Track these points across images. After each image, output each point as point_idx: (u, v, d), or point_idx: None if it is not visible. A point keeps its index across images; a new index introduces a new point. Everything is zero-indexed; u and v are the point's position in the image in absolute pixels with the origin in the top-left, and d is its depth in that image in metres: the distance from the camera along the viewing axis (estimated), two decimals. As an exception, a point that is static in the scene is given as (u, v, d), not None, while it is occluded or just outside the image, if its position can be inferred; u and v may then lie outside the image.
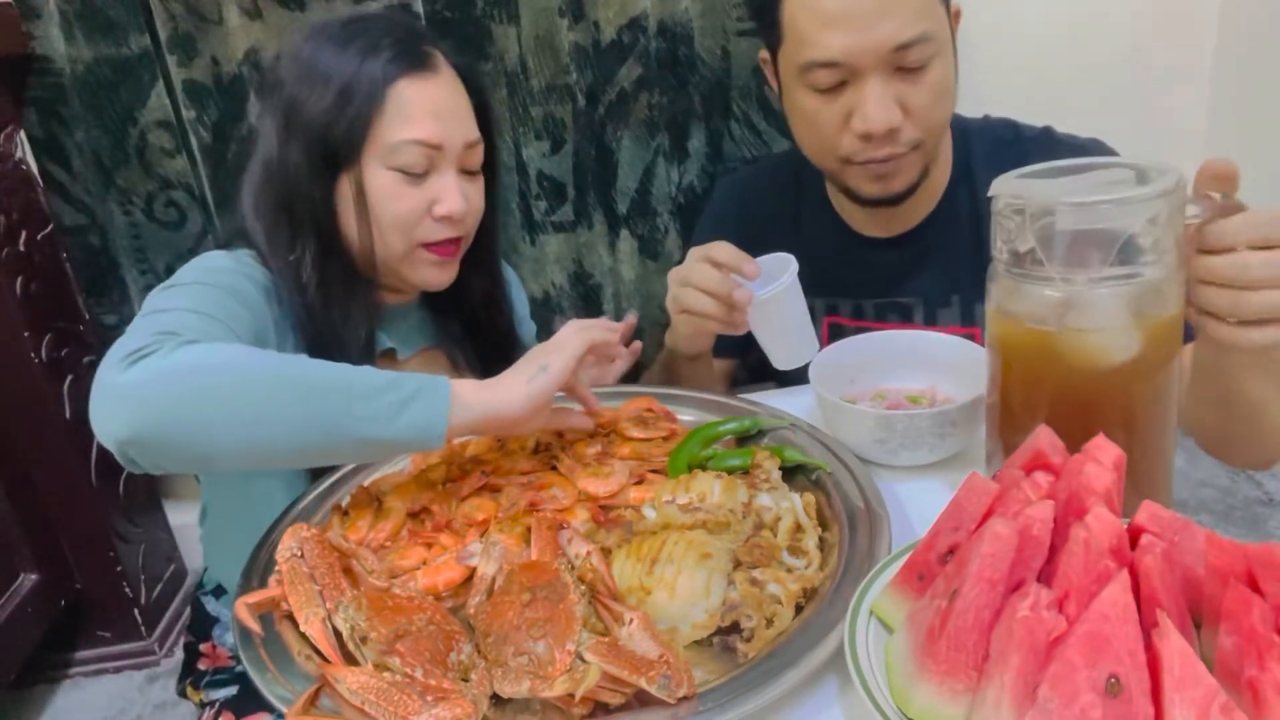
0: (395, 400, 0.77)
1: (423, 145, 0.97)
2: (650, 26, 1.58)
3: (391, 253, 1.02)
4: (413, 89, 0.97)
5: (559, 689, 0.60)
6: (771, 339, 1.02)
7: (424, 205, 1.00)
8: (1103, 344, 0.68)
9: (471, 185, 1.04)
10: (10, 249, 1.61)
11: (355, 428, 0.76)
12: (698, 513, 0.76)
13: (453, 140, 1.00)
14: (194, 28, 1.56)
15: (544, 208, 1.70)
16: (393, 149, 0.97)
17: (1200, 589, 0.56)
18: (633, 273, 1.73)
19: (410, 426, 0.77)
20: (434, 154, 0.99)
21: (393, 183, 0.98)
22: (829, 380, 0.92)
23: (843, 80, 0.99)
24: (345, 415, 0.76)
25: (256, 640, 0.69)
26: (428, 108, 0.98)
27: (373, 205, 0.99)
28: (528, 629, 0.64)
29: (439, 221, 1.01)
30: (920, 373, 0.98)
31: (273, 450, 0.77)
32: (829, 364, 0.96)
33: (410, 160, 0.98)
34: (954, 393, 0.95)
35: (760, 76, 1.60)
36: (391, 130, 0.97)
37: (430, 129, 0.97)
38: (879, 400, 0.98)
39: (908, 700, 0.55)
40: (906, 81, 0.99)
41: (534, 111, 1.63)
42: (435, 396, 0.78)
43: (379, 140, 0.97)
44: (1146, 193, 0.64)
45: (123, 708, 1.82)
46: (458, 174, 1.02)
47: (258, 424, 0.75)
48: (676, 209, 1.70)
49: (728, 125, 1.65)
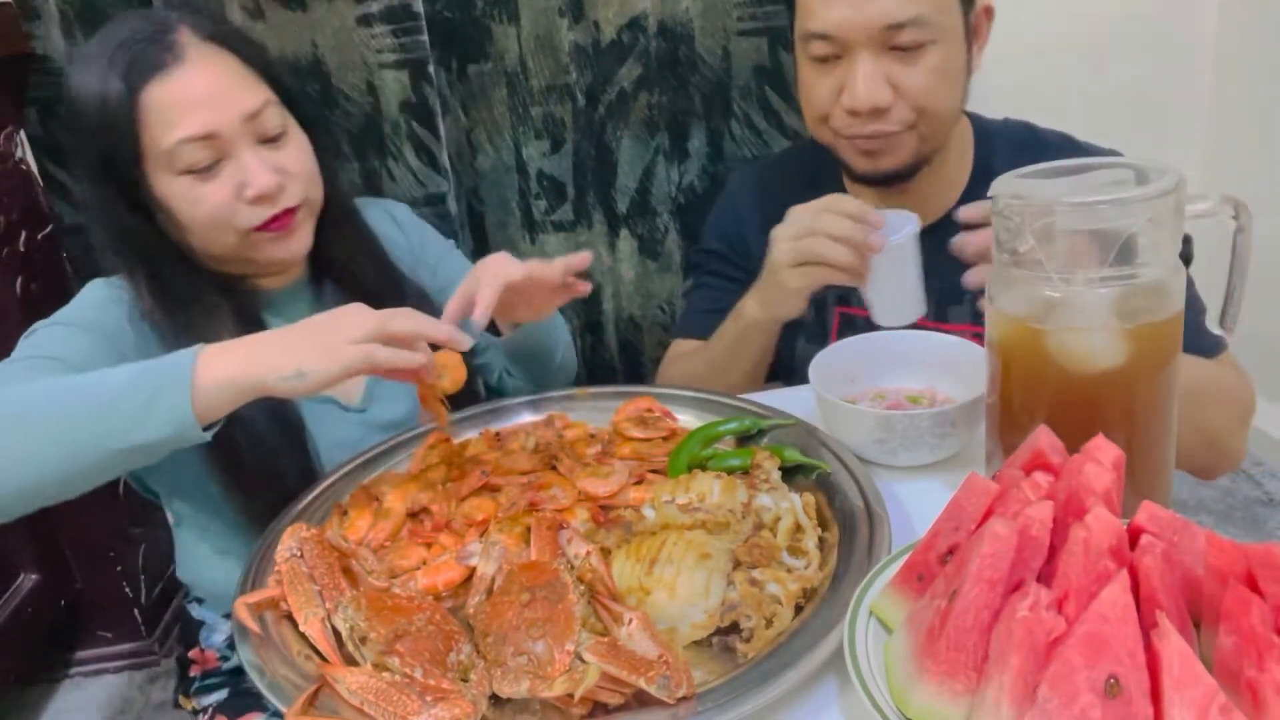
0: (140, 401, 0.75)
1: (195, 140, 0.92)
2: (650, 26, 1.58)
3: (226, 249, 0.98)
4: (162, 90, 0.92)
5: (558, 689, 0.60)
6: (886, 291, 1.00)
7: (231, 195, 0.95)
8: (1102, 344, 0.68)
9: (281, 151, 0.98)
10: (10, 249, 1.61)
11: (109, 441, 0.75)
12: (697, 513, 0.76)
13: (226, 121, 0.94)
14: (194, 27, 1.56)
15: (544, 207, 1.70)
16: (169, 155, 0.93)
17: (1200, 589, 0.56)
18: (632, 272, 1.73)
19: (160, 425, 0.75)
20: (212, 143, 0.93)
21: (187, 186, 0.94)
22: (829, 380, 0.92)
23: (837, 54, 1.01)
24: (98, 431, 0.75)
25: (255, 640, 0.69)
26: (185, 102, 0.92)
27: (178, 214, 0.95)
28: (527, 629, 0.64)
29: (255, 204, 0.96)
30: (920, 373, 0.98)
31: (45, 484, 0.76)
32: (829, 364, 0.95)
33: (192, 159, 0.93)
34: (954, 393, 0.95)
35: (761, 76, 1.60)
36: (159, 138, 0.92)
37: (195, 122, 0.92)
38: (879, 400, 0.98)
39: (907, 700, 0.55)
40: (901, 62, 1.00)
41: (534, 111, 1.63)
42: (176, 389, 0.75)
43: (153, 153, 0.93)
44: (1146, 193, 0.64)
45: (123, 708, 1.82)
46: (256, 148, 0.96)
47: (19, 463, 0.75)
48: (676, 209, 1.69)
49: (728, 125, 1.65)
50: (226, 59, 0.96)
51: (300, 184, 1.00)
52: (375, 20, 1.53)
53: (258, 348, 0.79)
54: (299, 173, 0.99)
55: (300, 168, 1.00)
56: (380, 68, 1.56)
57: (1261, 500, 2.01)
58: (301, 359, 0.77)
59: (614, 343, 1.78)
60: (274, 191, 0.96)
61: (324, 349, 0.78)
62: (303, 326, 0.81)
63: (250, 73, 0.98)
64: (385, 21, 1.53)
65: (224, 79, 0.95)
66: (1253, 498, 2.02)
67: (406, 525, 0.84)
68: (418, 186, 1.63)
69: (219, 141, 0.94)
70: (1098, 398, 0.69)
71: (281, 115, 0.99)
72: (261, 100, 0.96)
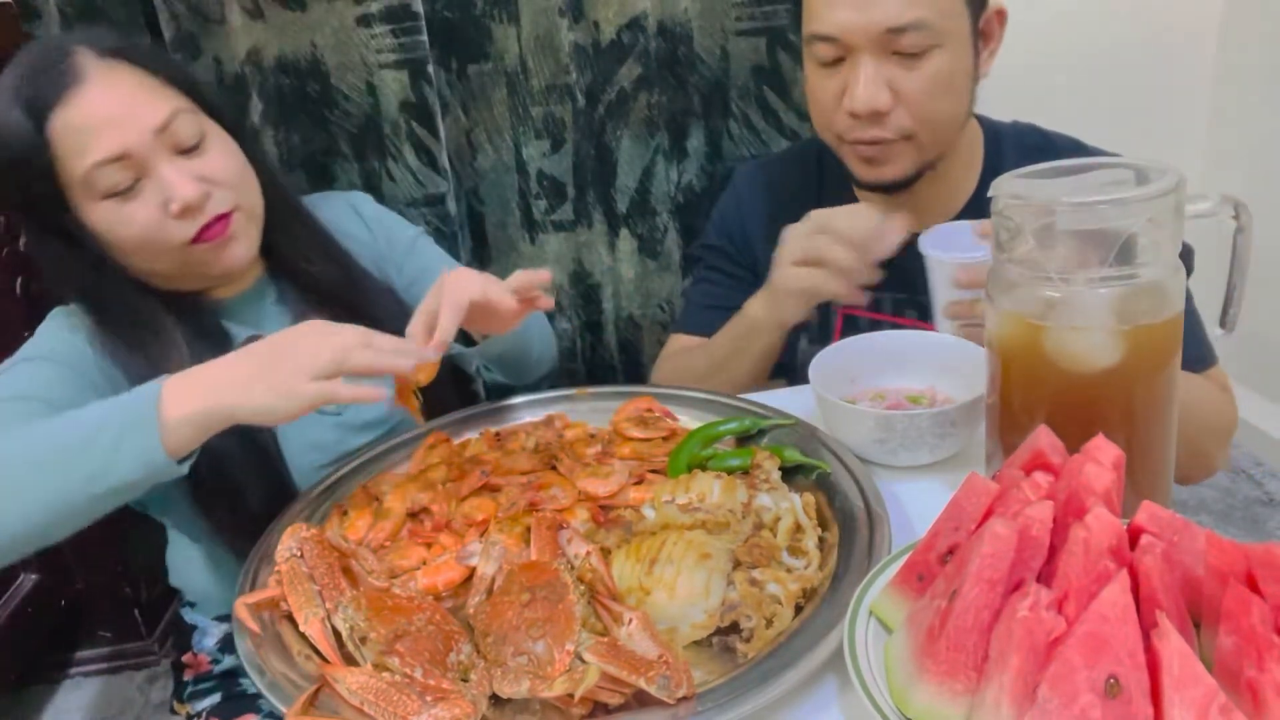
0: (107, 444, 0.74)
1: (109, 163, 0.89)
2: (650, 26, 1.58)
3: (169, 266, 0.96)
4: (66, 115, 0.88)
5: (558, 689, 0.60)
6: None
7: (157, 212, 0.92)
8: (1102, 344, 0.68)
9: (202, 159, 0.94)
10: (10, 249, 1.61)
11: (86, 486, 0.75)
12: (697, 513, 0.76)
13: (136, 137, 0.90)
14: (197, 27, 1.56)
15: (544, 207, 1.70)
16: (86, 181, 0.90)
17: (1200, 589, 0.56)
18: (632, 272, 1.73)
19: (133, 465, 0.75)
20: (128, 162, 0.90)
21: (112, 210, 0.91)
22: (829, 380, 0.92)
23: (841, 56, 1.01)
24: (73, 477, 0.74)
25: (255, 640, 0.69)
26: (90, 124, 0.89)
27: (108, 240, 0.93)
28: (527, 629, 0.64)
29: (182, 217, 0.92)
30: (920, 373, 0.98)
31: (30, 533, 0.76)
32: (829, 364, 0.95)
33: (110, 181, 0.90)
34: (954, 393, 0.95)
35: (760, 76, 1.60)
36: (73, 166, 0.89)
37: (104, 144, 0.89)
38: (879, 400, 0.98)
39: (907, 701, 0.55)
40: (902, 67, 0.99)
41: (534, 111, 1.63)
42: (143, 428, 0.74)
43: (71, 181, 0.90)
44: (1146, 193, 0.64)
45: (122, 708, 1.82)
46: (174, 160, 0.92)
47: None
48: (676, 208, 1.69)
49: (727, 125, 1.65)
50: (128, 73, 0.92)
51: (228, 190, 0.96)
52: (375, 20, 1.53)
53: (218, 381, 0.77)
54: (224, 179, 0.96)
55: (226, 173, 0.96)
56: (380, 68, 1.56)
57: (1261, 500, 2.01)
58: (261, 398, 0.76)
59: (614, 342, 1.78)
60: (199, 201, 0.92)
61: (283, 389, 0.76)
62: (260, 356, 0.78)
63: (156, 83, 0.94)
64: (385, 21, 1.53)
65: (127, 94, 0.91)
66: (1253, 498, 2.02)
67: (406, 525, 0.84)
68: (417, 187, 1.63)
69: (133, 160, 0.90)
70: (1098, 398, 0.69)
71: (197, 122, 0.95)
72: (169, 110, 0.92)
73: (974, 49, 1.04)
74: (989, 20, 1.05)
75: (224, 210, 0.95)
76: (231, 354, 0.80)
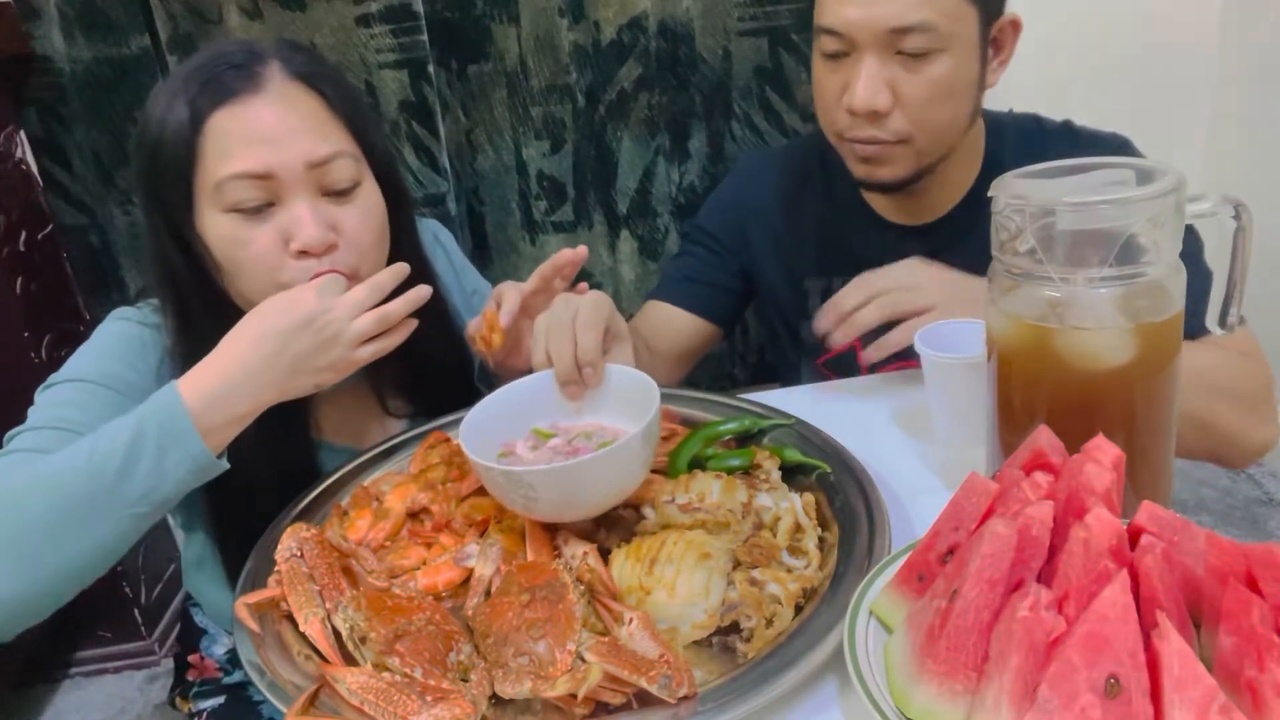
0: (150, 462, 0.74)
1: (248, 178, 0.85)
2: (650, 26, 1.58)
3: (265, 298, 0.88)
4: (229, 119, 0.85)
5: (561, 689, 0.60)
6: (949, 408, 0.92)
7: (276, 244, 0.87)
8: (1102, 344, 0.68)
9: (344, 209, 0.90)
10: (10, 249, 1.61)
11: (134, 507, 0.75)
12: (697, 513, 0.76)
13: (288, 163, 0.86)
14: (194, 28, 1.56)
15: (544, 207, 1.70)
16: (218, 189, 0.85)
17: (1200, 589, 0.56)
18: (633, 273, 1.73)
19: (181, 474, 0.76)
20: (268, 184, 0.86)
21: (231, 226, 0.87)
22: (480, 438, 0.78)
23: (845, 51, 1.01)
24: (117, 504, 0.74)
25: (256, 641, 0.69)
26: (249, 135, 0.85)
27: (217, 254, 0.88)
28: (527, 629, 0.64)
29: (300, 258, 0.87)
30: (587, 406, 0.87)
31: (72, 572, 0.76)
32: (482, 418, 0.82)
33: (240, 197, 0.85)
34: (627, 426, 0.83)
35: (761, 76, 1.60)
36: (213, 169, 0.85)
37: (252, 158, 0.85)
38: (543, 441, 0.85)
39: (907, 701, 0.55)
40: (905, 68, 0.99)
41: (534, 111, 1.63)
42: (181, 438, 0.75)
43: (205, 184, 0.86)
44: (1146, 193, 0.64)
45: (123, 708, 1.82)
46: (314, 199, 0.88)
47: (38, 564, 0.73)
48: (677, 209, 1.70)
49: (728, 125, 1.65)
50: (308, 100, 0.89)
51: (354, 251, 0.90)
52: (374, 20, 1.53)
53: (249, 383, 0.79)
54: (356, 239, 0.90)
55: (360, 234, 0.90)
56: (379, 68, 1.57)
57: (1261, 500, 2.01)
58: (301, 388, 0.81)
59: (614, 343, 1.78)
60: (321, 248, 0.87)
61: (326, 375, 0.81)
62: (276, 355, 0.79)
63: (333, 119, 0.90)
64: (384, 21, 1.53)
65: (298, 118, 0.87)
66: (1253, 498, 2.02)
67: (406, 525, 0.84)
68: (417, 187, 1.63)
69: (274, 183, 0.86)
70: (1098, 398, 0.69)
71: (356, 171, 0.90)
72: (333, 150, 0.88)
73: (981, 57, 1.03)
74: (1002, 29, 1.04)
75: (343, 270, 0.89)
76: (242, 347, 0.79)
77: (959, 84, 1.01)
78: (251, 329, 0.80)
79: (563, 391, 0.85)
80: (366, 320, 0.80)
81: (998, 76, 1.07)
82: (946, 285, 0.97)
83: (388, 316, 0.81)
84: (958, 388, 0.88)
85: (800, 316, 1.24)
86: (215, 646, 1.12)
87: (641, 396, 0.80)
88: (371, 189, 0.93)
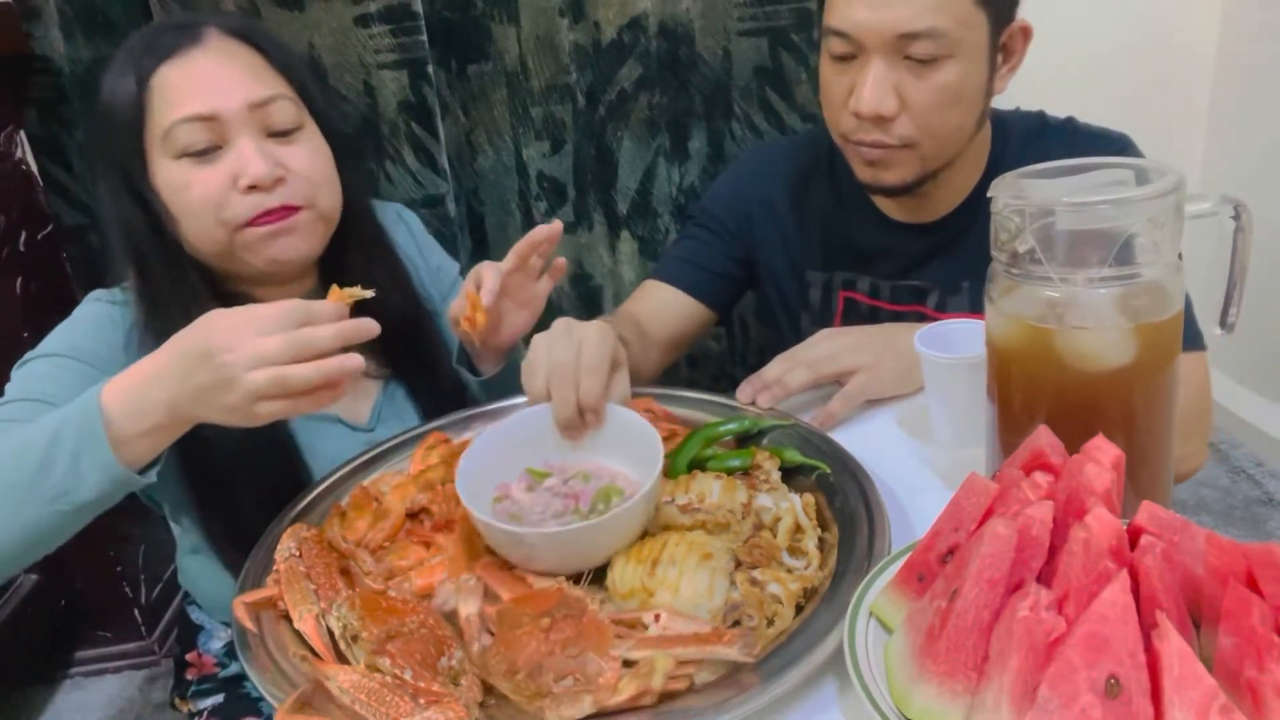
0: (65, 464, 0.72)
1: (194, 120, 0.90)
2: (650, 26, 1.58)
3: (217, 244, 0.94)
4: (172, 72, 0.91)
5: (627, 692, 0.59)
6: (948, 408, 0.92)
7: (225, 182, 0.91)
8: (1102, 344, 0.68)
9: (289, 148, 0.94)
10: (10, 249, 1.61)
11: (55, 505, 0.73)
12: (697, 513, 0.76)
13: (230, 104, 0.91)
14: (194, 28, 1.56)
15: (544, 208, 1.70)
16: (166, 136, 0.90)
17: (1200, 589, 0.56)
18: (633, 274, 1.73)
19: (95, 482, 0.72)
20: (213, 125, 0.90)
21: (182, 169, 0.91)
22: (475, 483, 0.78)
23: (853, 54, 1.00)
24: (39, 501, 0.73)
25: (253, 639, 0.69)
26: (192, 83, 0.91)
27: (169, 200, 0.92)
28: (562, 650, 0.62)
29: (248, 194, 0.91)
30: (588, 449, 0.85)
31: (12, 552, 0.75)
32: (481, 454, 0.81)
33: (188, 140, 0.90)
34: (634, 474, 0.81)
35: (762, 76, 1.60)
36: (161, 119, 0.90)
37: (197, 101, 0.90)
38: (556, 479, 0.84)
39: (907, 701, 0.55)
40: (912, 74, 0.98)
41: (534, 111, 1.63)
42: (94, 444, 0.71)
43: (154, 135, 0.91)
44: (1146, 193, 0.64)
45: (123, 708, 1.82)
46: (259, 139, 0.92)
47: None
48: (677, 209, 1.69)
49: (729, 125, 1.65)
50: (244, 50, 0.94)
51: (306, 184, 0.95)
52: (373, 20, 1.53)
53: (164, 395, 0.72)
54: (305, 173, 0.95)
55: (308, 169, 0.95)
56: (379, 68, 1.57)
57: (1261, 500, 2.01)
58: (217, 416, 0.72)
59: (614, 343, 1.78)
60: (269, 181, 0.91)
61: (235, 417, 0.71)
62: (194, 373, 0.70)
63: (269, 66, 0.96)
64: (384, 21, 1.53)
65: (237, 67, 0.93)
66: (1253, 498, 2.02)
67: (405, 525, 0.84)
68: (417, 188, 1.63)
69: (219, 124, 0.91)
70: (1098, 398, 0.69)
71: (297, 114, 0.96)
72: (271, 91, 0.93)
73: (990, 63, 1.02)
74: (1013, 35, 1.03)
75: (295, 203, 0.94)
76: (164, 360, 0.73)
77: (966, 90, 1.00)
78: (178, 341, 0.73)
79: (562, 435, 0.84)
80: (260, 377, 0.68)
81: (1006, 83, 1.06)
82: (868, 347, 1.00)
83: (286, 382, 0.68)
84: (958, 388, 0.88)
85: (801, 308, 1.24)
86: (212, 641, 1.11)
87: (642, 443, 0.78)
88: (315, 132, 0.98)
